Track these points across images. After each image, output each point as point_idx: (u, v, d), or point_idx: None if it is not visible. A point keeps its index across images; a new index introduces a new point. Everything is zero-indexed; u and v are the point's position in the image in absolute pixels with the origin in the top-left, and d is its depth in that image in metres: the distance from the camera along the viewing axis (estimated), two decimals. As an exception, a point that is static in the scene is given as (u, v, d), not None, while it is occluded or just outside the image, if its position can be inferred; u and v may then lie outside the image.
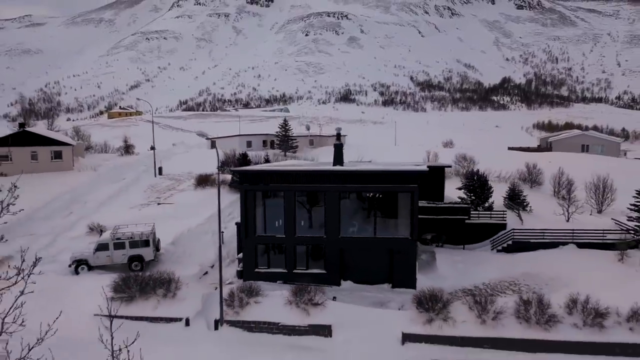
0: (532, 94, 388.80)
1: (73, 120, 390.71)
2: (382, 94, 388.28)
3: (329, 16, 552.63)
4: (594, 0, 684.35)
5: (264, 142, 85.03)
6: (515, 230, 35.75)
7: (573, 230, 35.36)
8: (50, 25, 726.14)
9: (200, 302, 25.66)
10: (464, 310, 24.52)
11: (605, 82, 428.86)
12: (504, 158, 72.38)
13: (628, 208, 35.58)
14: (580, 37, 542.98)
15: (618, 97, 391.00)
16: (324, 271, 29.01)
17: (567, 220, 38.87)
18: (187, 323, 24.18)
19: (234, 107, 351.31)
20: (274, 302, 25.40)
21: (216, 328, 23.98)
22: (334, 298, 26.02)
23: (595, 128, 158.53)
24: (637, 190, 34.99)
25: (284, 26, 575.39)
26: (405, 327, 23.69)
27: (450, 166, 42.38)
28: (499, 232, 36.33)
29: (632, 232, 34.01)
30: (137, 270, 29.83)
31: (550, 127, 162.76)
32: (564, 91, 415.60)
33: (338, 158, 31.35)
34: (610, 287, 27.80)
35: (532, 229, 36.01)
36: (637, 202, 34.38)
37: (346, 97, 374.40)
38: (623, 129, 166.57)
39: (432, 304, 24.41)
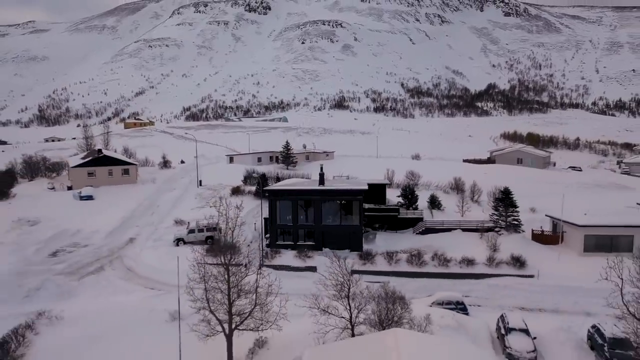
0: (514, 100, 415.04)
1: (84, 127, 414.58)
2: (374, 100, 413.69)
3: (324, 24, 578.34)
4: (579, 7, 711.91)
5: (271, 157, 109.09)
6: (427, 221, 60.34)
7: (459, 221, 60.07)
8: (54, 31, 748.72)
9: (250, 256, 50.11)
10: (382, 259, 49.14)
11: (584, 88, 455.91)
12: (449, 170, 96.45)
13: (492, 206, 60.10)
14: (563, 44, 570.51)
15: (594, 103, 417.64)
16: (313, 243, 53.46)
17: (462, 215, 63.55)
18: (245, 266, 48.55)
19: (235, 114, 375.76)
20: (287, 256, 50.02)
21: (259, 268, 48.43)
22: (319, 255, 50.55)
23: (552, 138, 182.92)
24: (495, 198, 59.53)
25: (281, 34, 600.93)
26: (353, 267, 48.09)
27: (388, 183, 66.96)
28: (418, 223, 60.83)
29: (492, 222, 58.55)
30: (210, 244, 54.10)
31: (514, 137, 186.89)
32: (545, 97, 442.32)
33: (321, 181, 55.81)
34: (454, 249, 52.20)
35: (437, 220, 60.61)
36: (494, 205, 58.96)
37: (340, 103, 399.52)
38: (577, 139, 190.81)
39: (366, 256, 49.05)
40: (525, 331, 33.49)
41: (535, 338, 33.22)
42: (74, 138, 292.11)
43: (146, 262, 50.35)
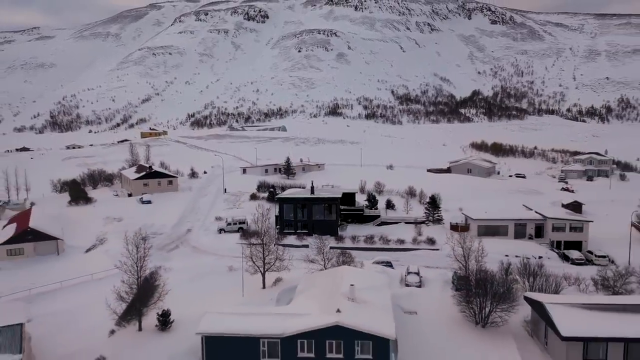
0: (495, 106, 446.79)
1: (95, 132, 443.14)
2: (365, 107, 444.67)
3: (319, 33, 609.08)
4: (563, 14, 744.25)
5: (275, 169, 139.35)
6: (382, 217, 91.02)
7: (404, 217, 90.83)
8: (59, 38, 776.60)
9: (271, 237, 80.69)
10: (349, 240, 79.86)
11: (560, 95, 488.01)
12: (411, 179, 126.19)
13: (424, 207, 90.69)
14: (545, 52, 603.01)
15: (568, 110, 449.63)
16: (307, 231, 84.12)
17: (407, 213, 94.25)
18: (265, 244, 79.18)
19: (236, 121, 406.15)
20: (290, 239, 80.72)
21: (275, 244, 79.15)
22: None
23: (512, 147, 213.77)
24: (426, 202, 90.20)
25: (279, 42, 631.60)
26: (331, 244, 78.63)
27: (357, 191, 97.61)
28: (376, 218, 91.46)
29: (424, 218, 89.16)
30: (241, 232, 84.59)
31: (480, 146, 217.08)
32: (524, 103, 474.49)
33: (312, 191, 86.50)
34: (396, 234, 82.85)
35: (389, 217, 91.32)
36: (426, 206, 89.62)
37: (334, 110, 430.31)
38: (535, 147, 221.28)
39: (339, 239, 79.80)
40: (417, 273, 63.92)
41: (421, 277, 63.69)
42: (92, 145, 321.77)
43: (203, 242, 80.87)
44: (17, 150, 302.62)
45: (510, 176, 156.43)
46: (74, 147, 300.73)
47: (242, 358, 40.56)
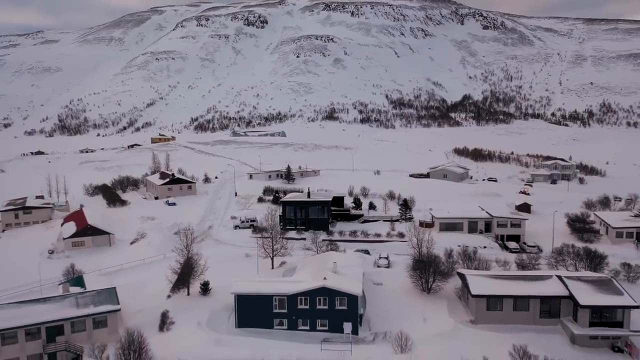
0: (484, 111, 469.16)
1: (103, 136, 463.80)
2: (360, 112, 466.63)
3: (317, 39, 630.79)
4: (554, 18, 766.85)
5: (277, 175, 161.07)
6: (365, 216, 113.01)
7: (383, 216, 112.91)
8: (64, 42, 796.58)
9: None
10: (337, 234, 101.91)
11: (546, 99, 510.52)
12: (394, 183, 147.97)
13: (399, 208, 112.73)
14: (534, 57, 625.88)
15: (553, 114, 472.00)
16: (304, 227, 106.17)
17: (385, 213, 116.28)
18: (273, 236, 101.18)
19: (238, 125, 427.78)
20: (291, 234, 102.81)
21: (280, 237, 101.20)
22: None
23: (490, 153, 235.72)
24: (400, 203, 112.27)
25: (278, 47, 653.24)
26: (323, 237, 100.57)
27: (345, 195, 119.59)
28: (360, 217, 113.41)
29: (399, 216, 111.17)
30: (252, 228, 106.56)
31: (462, 151, 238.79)
32: (512, 108, 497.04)
33: (308, 195, 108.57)
34: (375, 230, 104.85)
35: (371, 216, 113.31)
36: (399, 207, 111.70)
37: (331, 115, 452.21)
38: (512, 152, 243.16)
39: (330, 233, 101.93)
40: (386, 258, 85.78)
41: (389, 261, 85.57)
42: (102, 149, 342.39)
43: (223, 236, 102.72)
44: (32, 153, 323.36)
45: (484, 180, 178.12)
46: (86, 151, 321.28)
47: (261, 309, 61.93)
